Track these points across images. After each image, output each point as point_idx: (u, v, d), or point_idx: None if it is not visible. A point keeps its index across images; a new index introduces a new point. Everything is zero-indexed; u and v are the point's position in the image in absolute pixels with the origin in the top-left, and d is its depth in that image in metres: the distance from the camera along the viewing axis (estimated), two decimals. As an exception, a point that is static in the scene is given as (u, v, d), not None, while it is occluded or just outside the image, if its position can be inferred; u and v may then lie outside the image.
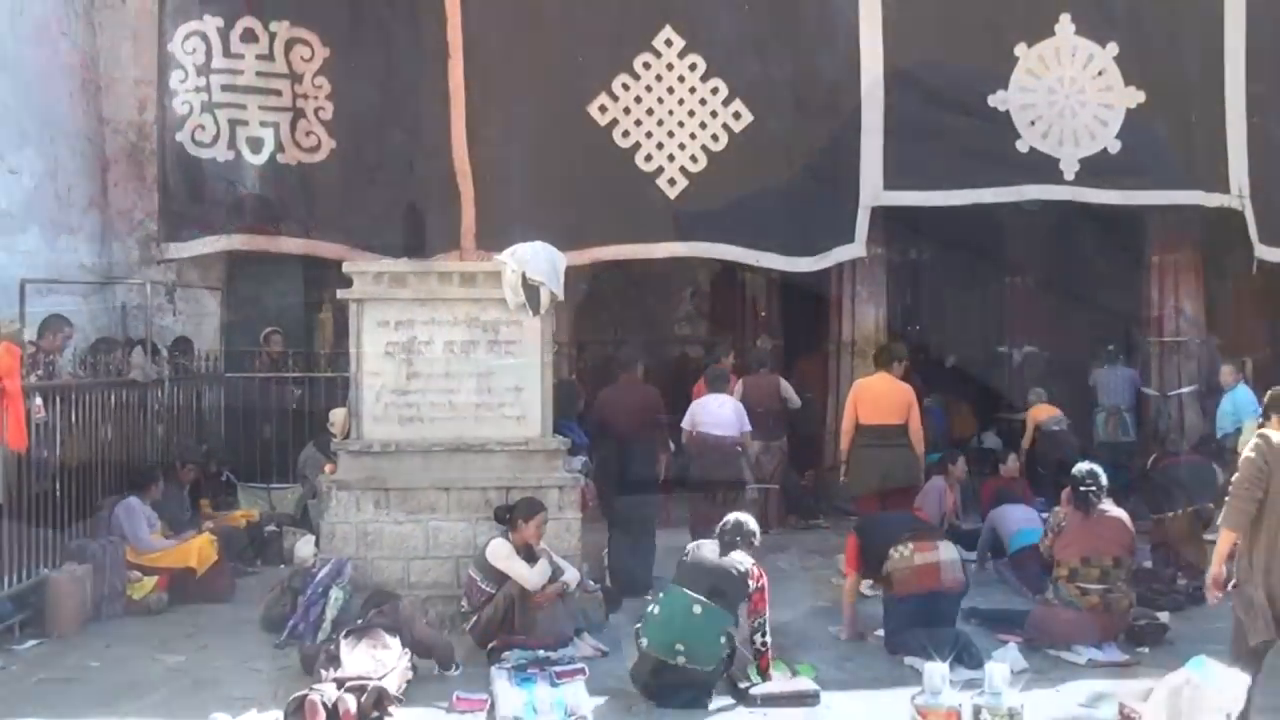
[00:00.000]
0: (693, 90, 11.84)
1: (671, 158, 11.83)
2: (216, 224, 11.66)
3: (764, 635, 6.69)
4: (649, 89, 11.80)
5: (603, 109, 11.73)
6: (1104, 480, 7.75)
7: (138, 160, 12.09)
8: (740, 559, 6.80)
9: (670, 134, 11.83)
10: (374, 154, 11.64)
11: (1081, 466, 7.87)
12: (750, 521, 7.05)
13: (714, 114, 11.86)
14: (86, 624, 8.19)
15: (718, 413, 10.35)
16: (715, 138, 11.85)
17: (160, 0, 11.60)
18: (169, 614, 8.60)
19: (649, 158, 11.80)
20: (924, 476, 10.06)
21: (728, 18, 11.90)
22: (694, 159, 11.83)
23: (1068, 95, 12.11)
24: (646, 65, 11.78)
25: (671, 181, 11.80)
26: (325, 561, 7.98)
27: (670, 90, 11.83)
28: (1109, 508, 7.75)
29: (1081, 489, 7.69)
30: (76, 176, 11.50)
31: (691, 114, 11.85)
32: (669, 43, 11.77)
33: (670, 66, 11.80)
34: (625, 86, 11.75)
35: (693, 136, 11.84)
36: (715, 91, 11.83)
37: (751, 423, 10.97)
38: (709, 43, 11.79)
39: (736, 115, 11.85)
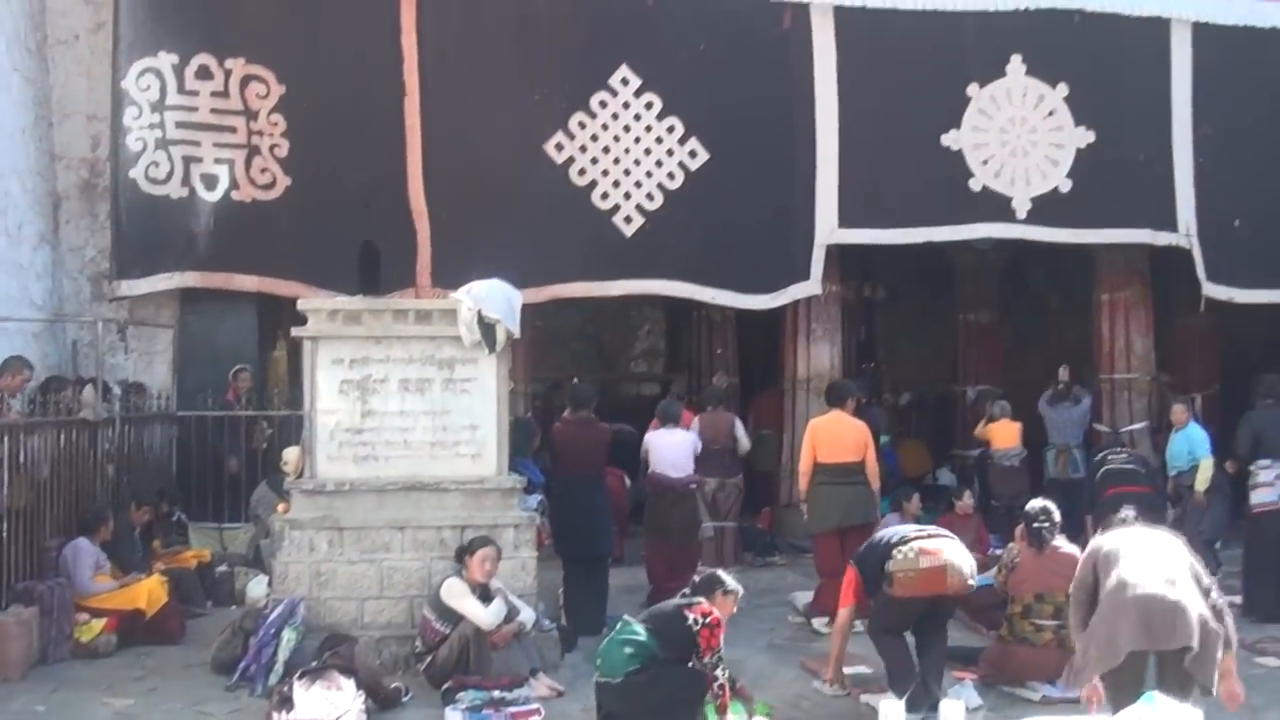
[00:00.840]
0: (649, 128, 11.89)
1: (628, 195, 11.86)
2: (170, 261, 11.55)
3: (721, 674, 6.64)
4: (605, 127, 11.84)
5: (559, 147, 11.76)
6: (1057, 517, 7.80)
7: (90, 197, 12.00)
8: (688, 601, 6.76)
9: (626, 172, 11.87)
10: (329, 191, 11.59)
11: (1035, 503, 7.92)
12: (723, 576, 7.00)
13: (670, 152, 11.91)
14: (33, 667, 8.04)
15: (672, 452, 10.35)
16: (671, 176, 11.90)
17: (114, 37, 11.53)
18: (118, 657, 8.46)
19: (605, 196, 11.83)
20: (878, 514, 10.09)
21: (684, 57, 11.97)
22: (650, 197, 11.87)
23: (1019, 135, 12.27)
24: (603, 104, 11.83)
25: (628, 219, 11.84)
26: (278, 602, 7.90)
27: (627, 128, 11.88)
28: (1062, 544, 7.79)
29: (1034, 525, 7.74)
30: (28, 213, 11.39)
31: (648, 152, 11.90)
32: (625, 81, 11.83)
33: (627, 105, 11.85)
34: (582, 125, 11.79)
35: (649, 174, 11.89)
36: (671, 130, 11.89)
37: (708, 460, 10.98)
38: (665, 81, 11.86)
39: (693, 154, 11.91)
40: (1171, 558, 5.75)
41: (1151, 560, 5.70)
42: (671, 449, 10.35)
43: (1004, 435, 12.87)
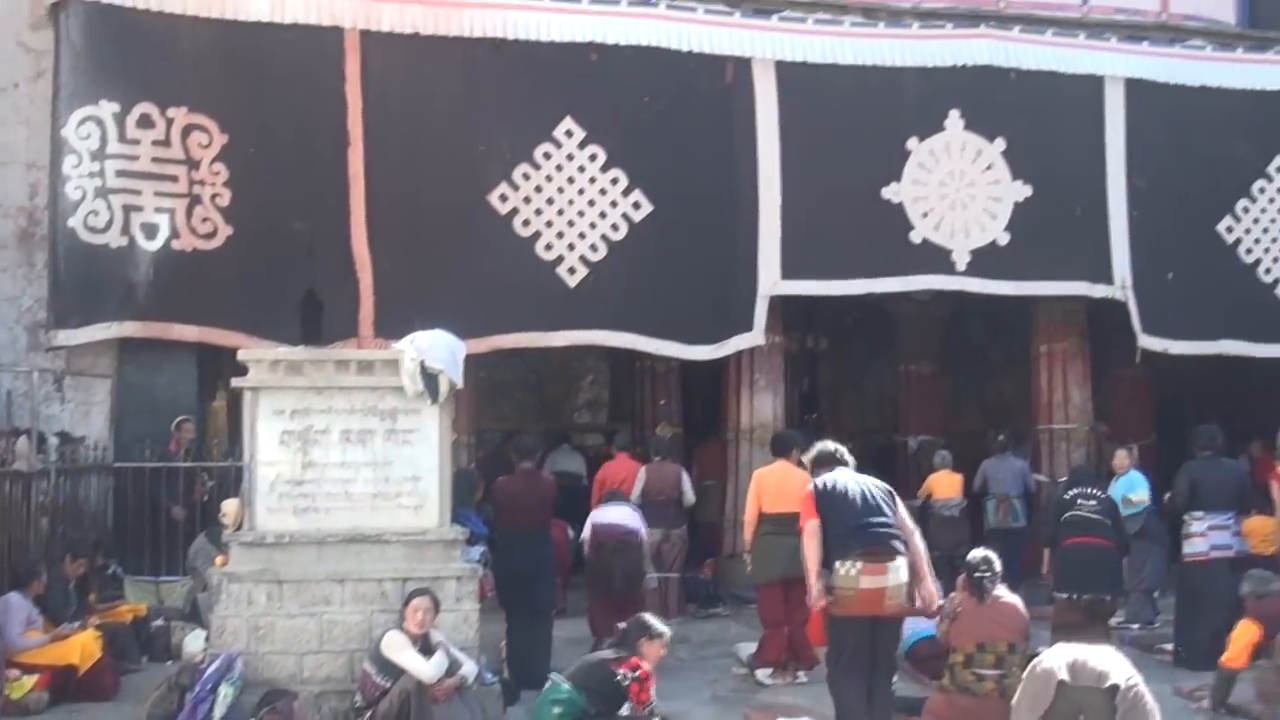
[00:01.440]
0: (593, 180, 11.95)
1: (572, 247, 11.90)
2: (108, 311, 11.41)
3: (655, 728, 6.59)
4: (549, 179, 11.89)
5: (503, 198, 11.79)
6: (998, 566, 7.85)
7: (28, 246, 11.83)
8: (616, 653, 6.72)
9: (570, 223, 11.91)
10: (271, 241, 11.53)
11: (976, 553, 7.96)
12: (648, 620, 6.96)
13: (614, 204, 11.98)
14: (-39, 726, 7.88)
15: (615, 507, 10.35)
16: (615, 227, 11.96)
17: (55, 85, 11.44)
18: (49, 714, 8.28)
19: (549, 246, 11.86)
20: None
21: (628, 109, 12.07)
22: (594, 248, 11.92)
23: (958, 188, 12.47)
24: (547, 155, 11.88)
25: (571, 270, 11.87)
26: (215, 657, 7.76)
27: (570, 180, 11.93)
28: (1003, 593, 7.83)
29: (976, 575, 7.77)
30: (-37, 262, 11.24)
31: (591, 203, 11.95)
32: (569, 133, 11.90)
33: (571, 157, 11.91)
34: (526, 176, 11.83)
35: (593, 226, 11.94)
36: (615, 182, 11.96)
37: (653, 511, 10.97)
38: (609, 134, 11.94)
39: (636, 205, 11.98)
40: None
41: None
42: (615, 513, 10.32)
43: (945, 485, 12.98)
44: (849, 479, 7.43)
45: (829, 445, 7.97)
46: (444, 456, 8.41)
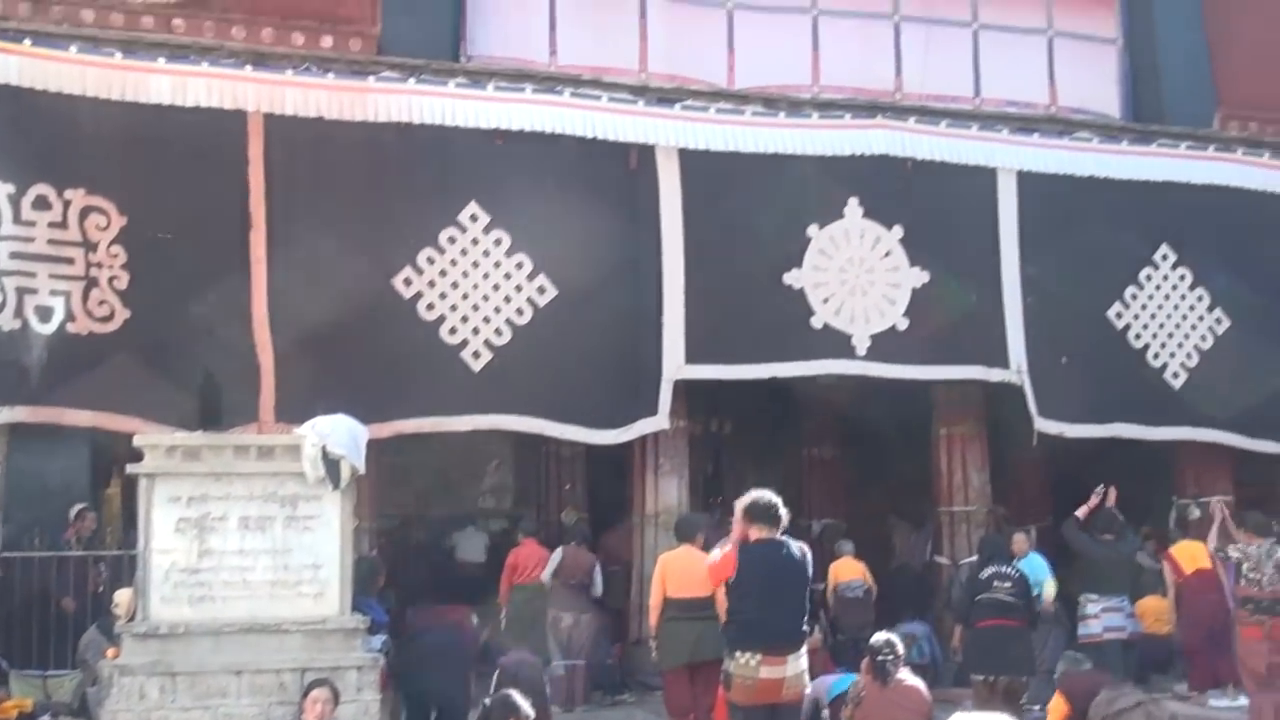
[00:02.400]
0: (497, 265, 11.97)
1: (476, 331, 11.88)
2: (-1, 396, 11.15)
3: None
4: (454, 263, 11.88)
5: (408, 282, 11.75)
6: (900, 649, 7.90)
7: (-85, 329, 11.53)
8: None
9: (475, 307, 11.90)
10: (170, 324, 11.34)
11: (878, 636, 8.02)
12: (514, 700, 6.85)
13: (519, 288, 12.00)
14: None
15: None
16: (520, 311, 11.97)
17: (-52, 166, 11.25)
18: (-73, 816, 7.98)
19: (453, 331, 11.82)
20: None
21: (533, 195, 12.13)
22: (499, 332, 11.91)
23: (858, 275, 12.69)
24: (452, 239, 11.89)
25: (476, 355, 11.84)
26: (104, 753, 7.53)
27: (475, 264, 11.94)
28: (906, 677, 7.88)
29: (878, 659, 7.82)
30: None
31: (496, 288, 11.96)
32: (474, 218, 11.93)
33: (475, 241, 11.93)
34: (430, 260, 11.81)
35: (497, 310, 11.93)
36: (520, 266, 11.99)
37: (565, 595, 10.91)
38: (514, 219, 11.98)
39: (541, 289, 12.01)
40: None
41: None
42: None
43: (847, 569, 13.07)
44: (774, 556, 7.45)
45: (765, 497, 7.92)
46: (345, 543, 8.32)
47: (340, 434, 8.28)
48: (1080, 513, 12.01)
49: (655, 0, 13.57)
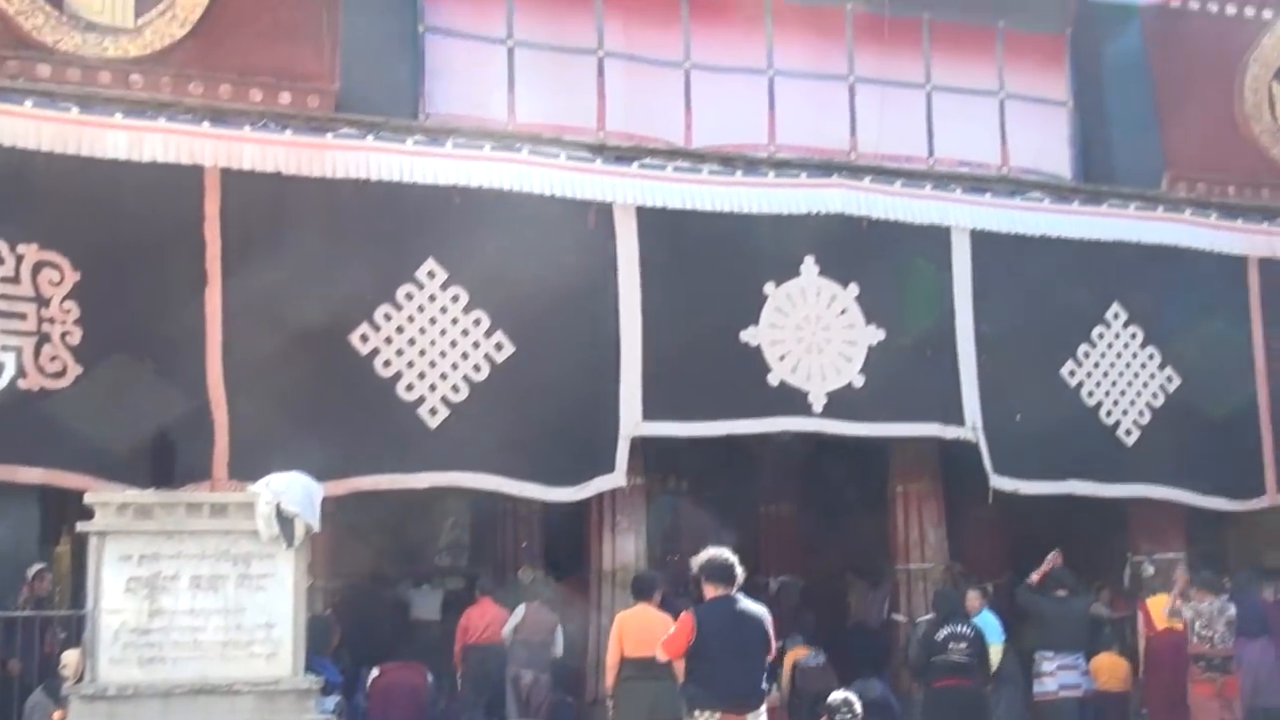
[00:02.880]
0: (455, 321, 11.96)
1: (433, 387, 11.84)
2: (-53, 453, 10.97)
3: None
4: (411, 319, 11.85)
5: (364, 338, 11.71)
6: (858, 708, 7.90)
7: None
8: None
9: (432, 364, 11.87)
10: (124, 381, 11.22)
11: (836, 695, 8.03)
12: None
13: (476, 345, 11.98)
14: None
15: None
16: (477, 368, 11.94)
17: (-103, 221, 11.13)
18: None
19: (410, 387, 11.78)
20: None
21: (490, 251, 12.13)
22: (456, 389, 11.87)
23: (814, 332, 12.77)
24: (409, 296, 11.87)
25: (433, 411, 11.79)
26: (49, 819, 7.37)
27: (433, 320, 11.92)
28: (865, 735, 7.87)
29: (837, 718, 7.81)
30: None
31: (454, 344, 11.93)
32: (432, 274, 11.92)
33: (433, 298, 11.92)
34: (388, 316, 11.78)
35: (454, 366, 11.91)
36: (478, 323, 11.98)
37: (525, 652, 10.82)
38: (472, 275, 11.98)
39: (499, 346, 12.00)
40: None
41: None
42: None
43: (800, 652, 12.97)
44: (730, 614, 7.45)
45: (721, 556, 7.93)
46: (299, 602, 8.24)
47: (295, 491, 8.21)
48: (1034, 578, 12.08)
49: (613, 59, 13.72)
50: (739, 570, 7.92)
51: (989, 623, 11.74)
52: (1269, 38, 15.51)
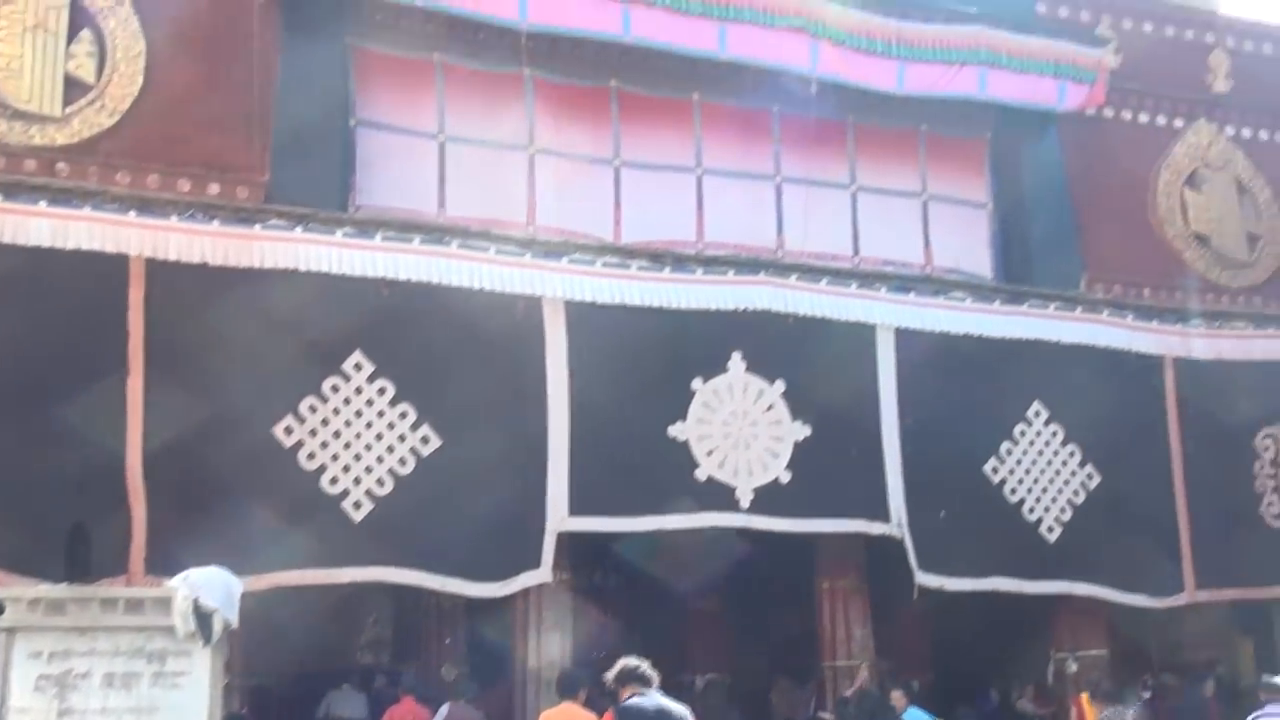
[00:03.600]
0: (381, 414, 11.87)
1: (358, 481, 11.70)
2: None
3: None
4: (337, 412, 11.75)
5: (289, 430, 11.57)
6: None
7: None
8: None
9: (357, 457, 11.74)
10: (38, 471, 10.97)
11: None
12: None
13: (402, 438, 11.89)
14: None
15: None
16: (403, 461, 11.84)
17: None
18: None
19: (335, 481, 11.64)
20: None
21: (417, 344, 12.10)
22: (380, 482, 11.75)
23: (741, 428, 12.83)
24: (335, 388, 11.77)
25: (357, 505, 11.64)
26: None
27: (358, 413, 11.82)
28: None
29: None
30: None
31: (379, 437, 11.83)
32: (358, 367, 11.85)
33: (359, 390, 11.83)
34: (313, 409, 11.67)
35: (380, 460, 11.79)
36: (404, 416, 11.90)
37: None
38: (398, 368, 11.92)
39: (425, 439, 11.92)
40: None
41: None
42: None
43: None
44: (652, 712, 7.39)
45: (632, 661, 7.94)
46: (215, 701, 8.04)
47: (214, 586, 8.05)
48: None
49: (543, 156, 13.86)
50: (652, 673, 7.89)
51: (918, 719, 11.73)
52: (1180, 146, 16.07)
